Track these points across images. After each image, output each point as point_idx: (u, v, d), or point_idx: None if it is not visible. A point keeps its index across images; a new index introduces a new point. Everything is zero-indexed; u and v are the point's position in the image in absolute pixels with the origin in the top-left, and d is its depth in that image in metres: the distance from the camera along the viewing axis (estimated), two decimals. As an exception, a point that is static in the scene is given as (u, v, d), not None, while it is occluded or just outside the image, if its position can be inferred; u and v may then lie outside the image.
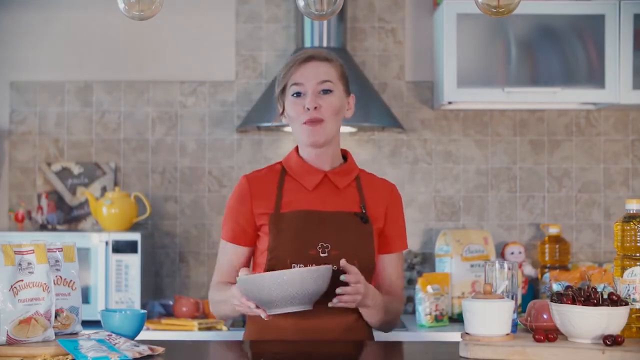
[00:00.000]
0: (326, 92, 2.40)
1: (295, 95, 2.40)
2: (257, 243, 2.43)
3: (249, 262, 2.46)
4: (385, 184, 2.52)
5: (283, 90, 2.43)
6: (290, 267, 2.32)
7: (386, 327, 2.43)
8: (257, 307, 2.18)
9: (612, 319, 1.99)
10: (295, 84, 2.40)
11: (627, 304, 2.04)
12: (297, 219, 2.36)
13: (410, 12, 4.20)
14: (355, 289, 2.23)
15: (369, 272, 2.38)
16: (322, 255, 2.32)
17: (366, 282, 2.28)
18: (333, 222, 2.36)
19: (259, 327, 2.35)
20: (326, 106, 2.38)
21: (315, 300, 2.17)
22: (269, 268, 2.34)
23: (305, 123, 2.39)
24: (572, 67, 3.86)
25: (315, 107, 2.37)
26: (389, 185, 2.52)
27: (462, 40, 3.83)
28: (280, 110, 2.47)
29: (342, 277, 2.22)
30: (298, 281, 2.10)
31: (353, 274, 2.24)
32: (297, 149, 2.51)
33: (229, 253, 2.45)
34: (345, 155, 2.53)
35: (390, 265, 2.47)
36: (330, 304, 2.21)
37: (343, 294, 2.22)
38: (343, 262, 2.24)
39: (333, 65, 2.43)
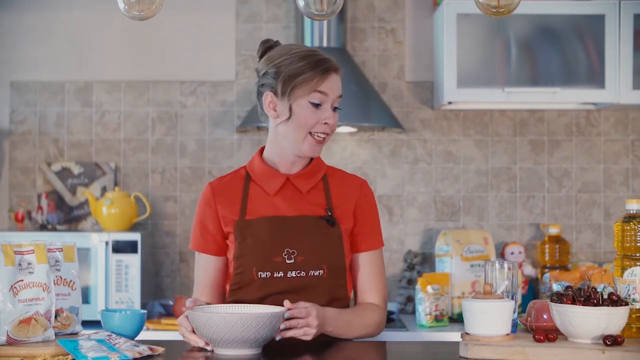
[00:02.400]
0: (335, 109, 2.33)
1: (315, 103, 2.29)
2: (226, 253, 2.37)
3: (225, 274, 2.38)
4: (354, 180, 2.42)
5: (292, 89, 2.30)
6: (257, 277, 2.28)
7: (365, 338, 2.37)
8: (206, 343, 2.11)
9: (612, 319, 1.99)
10: (321, 92, 2.29)
11: (627, 304, 2.04)
12: (261, 226, 2.30)
13: (410, 12, 4.20)
14: (302, 314, 2.15)
15: (340, 276, 2.32)
16: (288, 261, 2.28)
17: (319, 308, 2.20)
18: (298, 227, 2.31)
19: None
20: (334, 123, 2.32)
21: (266, 343, 2.09)
22: (236, 280, 2.30)
23: (313, 135, 2.30)
24: (572, 67, 3.86)
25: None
26: (358, 182, 2.42)
27: (462, 40, 3.83)
28: (288, 113, 2.30)
29: (286, 315, 2.13)
30: (253, 325, 2.02)
31: (298, 309, 2.15)
32: (260, 152, 2.42)
33: (203, 265, 2.38)
34: None
35: (363, 264, 2.38)
36: (278, 337, 2.12)
37: (289, 327, 2.14)
38: (287, 303, 2.16)
39: (340, 79, 2.35)
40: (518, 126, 4.20)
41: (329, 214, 2.34)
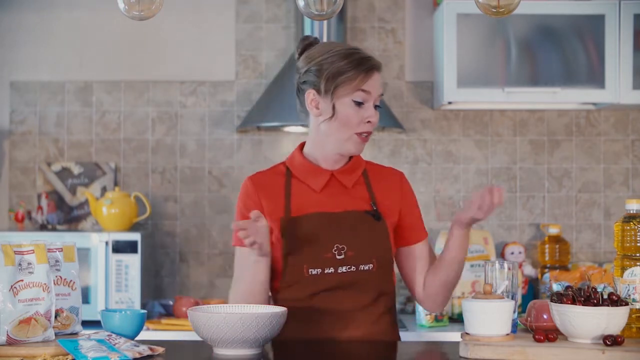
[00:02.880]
0: (377, 106, 2.34)
1: (358, 100, 2.29)
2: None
3: (269, 269, 2.33)
4: (393, 174, 2.45)
5: (335, 87, 2.29)
6: (307, 274, 2.28)
7: (453, 284, 2.39)
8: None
9: (612, 319, 1.99)
10: (364, 91, 2.29)
11: (627, 304, 2.04)
12: (309, 222, 2.30)
13: (410, 12, 4.20)
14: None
15: (388, 269, 2.34)
16: (338, 257, 2.28)
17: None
18: (346, 222, 2.31)
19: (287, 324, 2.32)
20: (376, 121, 2.32)
21: (266, 343, 2.10)
22: (286, 278, 2.30)
23: (359, 134, 2.31)
24: (572, 67, 3.86)
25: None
26: (397, 175, 2.44)
27: (462, 40, 3.83)
28: (331, 112, 2.30)
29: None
30: (253, 325, 2.03)
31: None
32: (300, 148, 2.43)
33: (245, 261, 2.33)
34: None
35: (419, 255, 2.41)
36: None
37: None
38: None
39: (381, 77, 2.36)
40: (518, 126, 4.20)
41: (374, 208, 2.35)
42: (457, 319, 3.77)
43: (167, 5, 2.38)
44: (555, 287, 3.84)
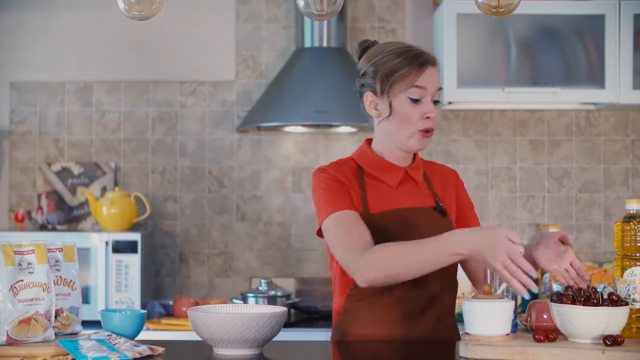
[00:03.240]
0: (436, 101, 2.33)
1: (414, 97, 2.29)
2: None
3: None
4: (447, 171, 2.48)
5: (390, 86, 2.30)
6: None
7: None
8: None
9: (612, 319, 1.99)
10: (419, 87, 2.29)
11: (627, 304, 2.04)
12: (388, 219, 2.29)
13: (410, 12, 4.20)
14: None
15: (454, 266, 2.36)
16: None
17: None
18: (419, 218, 2.32)
19: (350, 324, 2.32)
20: (435, 116, 2.32)
21: (266, 343, 2.10)
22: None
23: (421, 131, 2.30)
24: (572, 67, 3.86)
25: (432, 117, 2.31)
26: (452, 173, 2.48)
27: (462, 40, 3.83)
28: (389, 111, 2.31)
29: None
30: (253, 325, 2.03)
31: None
32: (368, 144, 2.42)
33: (354, 219, 2.24)
34: None
35: None
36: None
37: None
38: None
39: (438, 71, 2.36)
40: (518, 126, 4.20)
41: (440, 204, 2.38)
42: (457, 319, 3.76)
43: (167, 5, 2.38)
44: (555, 287, 3.85)
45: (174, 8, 4.04)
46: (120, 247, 3.72)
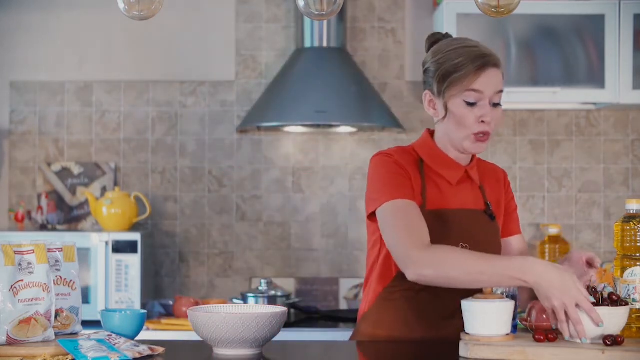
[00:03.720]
0: (497, 105, 2.30)
1: (470, 101, 2.26)
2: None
3: None
4: (498, 171, 2.46)
5: (446, 88, 2.27)
6: None
7: None
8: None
9: (612, 319, 1.99)
10: (475, 91, 2.25)
11: (627, 303, 2.04)
12: (443, 218, 2.28)
13: (410, 12, 4.20)
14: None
15: None
16: None
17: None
18: (470, 220, 2.31)
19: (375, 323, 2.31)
20: (496, 119, 2.30)
21: (266, 343, 2.09)
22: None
23: (476, 134, 2.27)
24: (572, 67, 3.86)
25: (489, 122, 2.28)
26: (502, 174, 2.46)
27: (462, 40, 3.82)
28: (444, 113, 2.29)
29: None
30: (253, 325, 2.03)
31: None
32: (431, 134, 2.38)
33: (414, 209, 2.20)
34: None
35: (519, 246, 2.43)
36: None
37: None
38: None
39: (501, 72, 2.31)
40: (518, 126, 4.20)
41: (489, 207, 2.37)
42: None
43: (167, 5, 2.38)
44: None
45: (174, 8, 4.04)
46: (120, 247, 3.72)
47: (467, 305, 2.05)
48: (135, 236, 3.74)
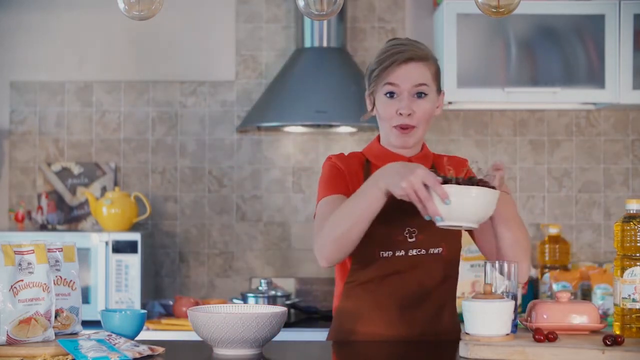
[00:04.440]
0: (420, 95, 2.34)
1: (388, 95, 2.35)
2: None
3: None
4: (457, 161, 2.48)
5: (371, 84, 2.37)
6: (379, 256, 2.30)
7: (518, 248, 2.31)
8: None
9: (464, 198, 2.01)
10: (390, 83, 2.34)
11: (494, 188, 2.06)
12: (383, 208, 2.27)
13: (410, 12, 4.20)
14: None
15: (455, 254, 2.38)
16: (409, 240, 2.32)
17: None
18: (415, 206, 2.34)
19: (347, 325, 2.32)
20: (419, 112, 2.33)
21: (266, 343, 2.10)
22: (358, 259, 2.31)
23: (396, 127, 2.35)
24: (572, 67, 3.86)
25: (409, 114, 2.32)
26: (462, 162, 2.48)
27: (462, 40, 3.83)
28: (370, 107, 2.41)
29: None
30: (253, 325, 2.03)
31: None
32: (378, 139, 2.46)
33: (338, 202, 2.28)
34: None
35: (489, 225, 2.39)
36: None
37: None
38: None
39: (429, 65, 2.37)
40: (518, 126, 4.20)
41: None
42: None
43: (167, 5, 2.38)
44: (556, 287, 3.86)
45: (174, 8, 4.04)
46: (120, 247, 3.72)
47: (467, 305, 2.05)
48: (135, 236, 3.74)
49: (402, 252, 2.32)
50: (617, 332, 2.14)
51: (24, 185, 4.15)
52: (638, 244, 2.15)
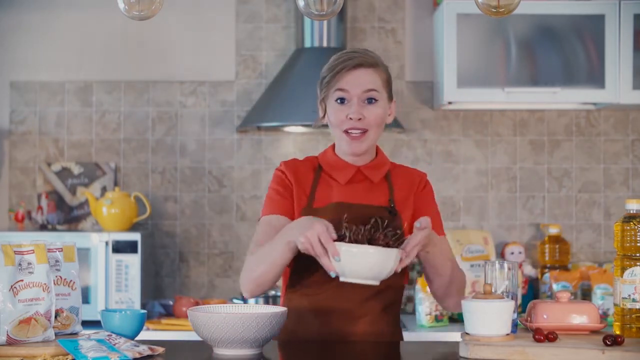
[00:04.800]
0: (371, 101, 2.36)
1: (338, 101, 2.36)
2: None
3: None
4: (414, 174, 2.48)
5: (322, 91, 2.40)
6: (319, 265, 2.28)
7: (452, 287, 2.36)
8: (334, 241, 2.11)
9: (353, 258, 2.05)
10: (340, 89, 2.36)
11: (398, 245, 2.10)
12: (327, 213, 2.32)
13: (410, 12, 4.20)
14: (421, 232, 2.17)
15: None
16: None
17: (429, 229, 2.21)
18: (361, 214, 2.33)
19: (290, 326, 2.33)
20: (370, 117, 2.34)
21: (266, 343, 2.10)
22: (296, 269, 2.33)
23: (346, 132, 2.36)
24: (572, 67, 3.86)
25: (360, 118, 2.34)
26: (418, 176, 2.48)
27: (462, 40, 3.83)
28: (322, 114, 2.42)
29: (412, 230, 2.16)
30: (253, 325, 2.03)
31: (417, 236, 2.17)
32: (333, 146, 2.47)
33: (274, 225, 2.34)
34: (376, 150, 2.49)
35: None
36: (400, 267, 2.13)
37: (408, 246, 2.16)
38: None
39: (379, 72, 2.38)
40: (518, 126, 4.20)
41: (392, 205, 2.39)
42: (457, 319, 3.77)
43: (167, 5, 2.38)
44: (556, 287, 3.86)
45: (174, 8, 4.04)
46: (120, 247, 3.72)
47: (467, 305, 2.05)
48: (135, 236, 3.74)
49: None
50: (617, 332, 2.14)
51: (24, 185, 4.15)
52: (638, 244, 2.15)
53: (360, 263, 2.08)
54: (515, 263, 2.20)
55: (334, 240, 2.10)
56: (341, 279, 2.11)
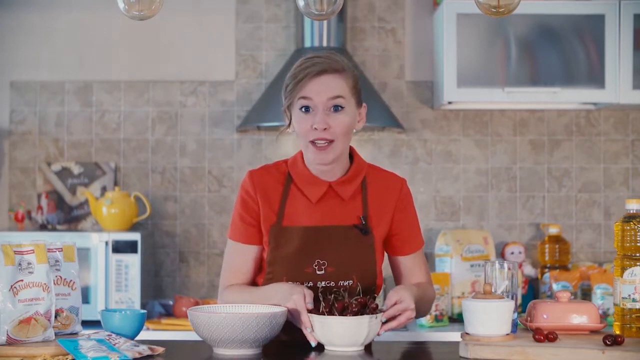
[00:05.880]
0: (337, 108, 2.26)
1: (303, 109, 2.27)
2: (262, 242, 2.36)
3: (260, 262, 2.37)
4: (393, 181, 2.38)
5: (286, 100, 2.31)
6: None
7: (421, 314, 2.35)
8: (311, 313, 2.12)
9: (324, 327, 2.07)
10: (304, 97, 2.27)
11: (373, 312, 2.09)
12: (296, 235, 2.29)
13: (410, 12, 4.20)
14: (402, 307, 2.15)
15: (370, 285, 2.31)
16: (318, 272, 2.27)
17: (405, 288, 2.19)
18: (331, 237, 2.30)
19: None
20: (336, 126, 2.25)
21: (266, 343, 2.11)
22: (266, 284, 2.32)
23: (312, 143, 2.27)
24: (572, 67, 3.86)
25: (325, 128, 2.25)
26: (398, 183, 2.38)
27: (462, 40, 3.83)
28: (287, 122, 2.34)
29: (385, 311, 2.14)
30: (253, 325, 2.03)
31: (393, 298, 2.15)
32: (302, 154, 2.37)
33: (240, 253, 2.36)
34: (351, 153, 2.39)
35: (412, 265, 2.39)
36: (383, 330, 2.12)
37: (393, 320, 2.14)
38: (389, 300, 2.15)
39: (345, 77, 2.28)
40: (518, 126, 4.20)
41: (363, 222, 2.32)
42: (457, 319, 3.77)
43: (167, 5, 2.38)
44: (556, 287, 3.86)
45: (174, 8, 4.04)
46: (120, 247, 3.72)
47: (467, 305, 2.05)
48: (135, 236, 3.74)
49: (310, 284, 2.27)
50: (617, 332, 2.14)
51: (24, 185, 4.16)
52: (638, 244, 2.15)
53: (332, 333, 2.08)
54: (515, 263, 2.21)
55: (309, 311, 2.10)
56: (327, 347, 2.12)
